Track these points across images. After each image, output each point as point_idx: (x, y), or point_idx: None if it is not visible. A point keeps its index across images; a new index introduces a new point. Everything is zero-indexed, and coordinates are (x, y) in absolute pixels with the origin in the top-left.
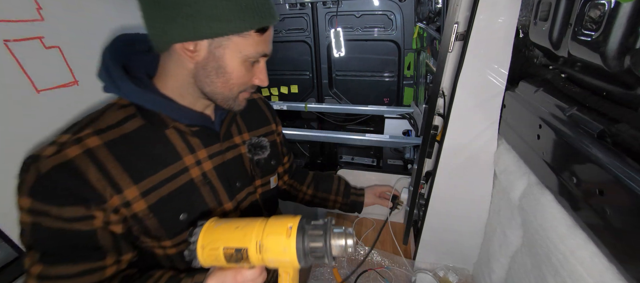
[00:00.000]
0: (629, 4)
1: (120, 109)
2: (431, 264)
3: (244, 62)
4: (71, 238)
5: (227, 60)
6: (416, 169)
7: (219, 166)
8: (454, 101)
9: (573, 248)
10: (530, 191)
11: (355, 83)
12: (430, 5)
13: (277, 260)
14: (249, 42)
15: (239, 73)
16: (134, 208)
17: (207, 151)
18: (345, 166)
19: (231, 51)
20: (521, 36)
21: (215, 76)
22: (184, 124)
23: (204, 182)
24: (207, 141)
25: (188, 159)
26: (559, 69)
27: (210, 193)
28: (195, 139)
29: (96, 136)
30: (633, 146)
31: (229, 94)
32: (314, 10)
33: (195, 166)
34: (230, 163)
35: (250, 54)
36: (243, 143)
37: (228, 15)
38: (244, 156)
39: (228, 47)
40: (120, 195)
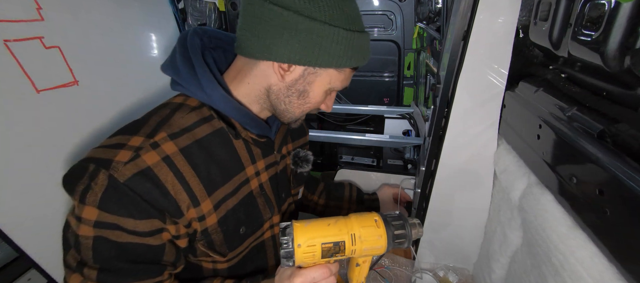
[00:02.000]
0: (629, 4)
1: (192, 111)
2: (431, 264)
3: (327, 91)
4: (139, 253)
5: (315, 87)
6: (424, 171)
7: (273, 177)
8: (454, 101)
9: (573, 248)
10: (530, 191)
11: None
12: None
13: (371, 248)
14: (340, 77)
15: (317, 100)
16: (207, 222)
17: (265, 161)
18: (345, 166)
19: (322, 80)
20: (521, 36)
21: (297, 98)
22: (255, 133)
23: (260, 194)
24: (266, 151)
25: (249, 170)
26: (559, 69)
27: (265, 205)
28: (257, 149)
29: (172, 142)
30: (633, 146)
31: (300, 115)
32: None
33: (255, 177)
34: (280, 174)
35: (336, 87)
36: (288, 153)
37: (337, 50)
38: (288, 168)
39: (321, 76)
40: (197, 207)
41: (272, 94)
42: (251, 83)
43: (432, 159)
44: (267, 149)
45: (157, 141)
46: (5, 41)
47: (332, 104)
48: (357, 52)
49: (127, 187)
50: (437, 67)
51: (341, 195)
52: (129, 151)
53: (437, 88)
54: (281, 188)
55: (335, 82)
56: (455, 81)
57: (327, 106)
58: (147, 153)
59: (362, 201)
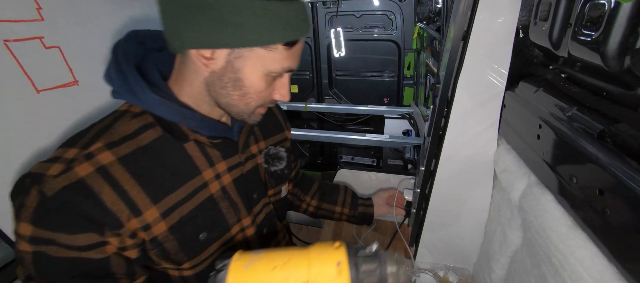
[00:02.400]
0: (629, 4)
1: (134, 118)
2: (431, 264)
3: (266, 76)
4: (81, 267)
5: (247, 73)
6: (423, 171)
7: (238, 179)
8: (454, 101)
9: (573, 248)
10: (530, 191)
11: (355, 83)
12: (430, 5)
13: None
14: (274, 56)
15: (258, 87)
16: (154, 231)
17: (227, 163)
18: (345, 166)
19: (252, 64)
20: (521, 36)
21: (232, 88)
22: (206, 136)
23: (223, 197)
24: (226, 152)
25: (207, 174)
26: (559, 69)
27: (230, 209)
28: (215, 151)
29: (109, 151)
30: (633, 146)
31: (245, 108)
32: (314, 10)
33: (215, 181)
34: (248, 174)
35: (274, 69)
36: (259, 152)
37: (255, 24)
38: (260, 166)
39: (249, 59)
40: (139, 217)
41: (210, 89)
42: (189, 81)
43: (432, 159)
44: (228, 150)
45: (92, 151)
46: (5, 41)
47: (286, 92)
48: (285, 24)
49: (57, 201)
50: (437, 67)
51: (335, 200)
52: (61, 165)
53: (437, 88)
54: (251, 189)
55: (272, 64)
56: (455, 81)
57: (281, 95)
58: (80, 164)
59: (356, 206)
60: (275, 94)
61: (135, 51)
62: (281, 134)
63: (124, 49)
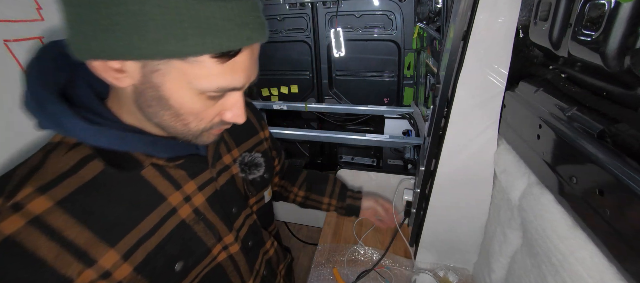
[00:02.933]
0: (629, 4)
1: (71, 150)
2: (431, 264)
3: (199, 95)
4: None
5: (170, 91)
6: (423, 171)
7: (213, 196)
8: (454, 101)
9: (573, 248)
10: (530, 191)
11: (355, 83)
12: (430, 5)
13: None
14: (200, 72)
15: (192, 108)
16: (117, 277)
17: (196, 182)
18: (345, 166)
19: (174, 79)
20: (521, 36)
21: (158, 107)
22: (164, 158)
23: (197, 220)
24: (194, 170)
25: (174, 198)
26: (559, 69)
27: (207, 231)
28: (180, 172)
29: (43, 196)
30: (633, 146)
31: (185, 130)
32: (314, 10)
33: (185, 204)
34: (224, 188)
35: (205, 88)
36: (234, 161)
37: (162, 30)
38: (236, 176)
39: (168, 73)
40: (93, 266)
41: (139, 108)
42: (123, 99)
43: (432, 159)
44: (195, 168)
45: (20, 200)
46: (5, 41)
47: (240, 113)
48: (207, 30)
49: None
50: (437, 67)
51: (323, 190)
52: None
53: (437, 88)
54: (230, 203)
55: (200, 82)
56: (455, 81)
57: (232, 116)
58: (7, 219)
59: (344, 198)
60: (225, 114)
61: (55, 69)
62: (256, 137)
63: (39, 70)
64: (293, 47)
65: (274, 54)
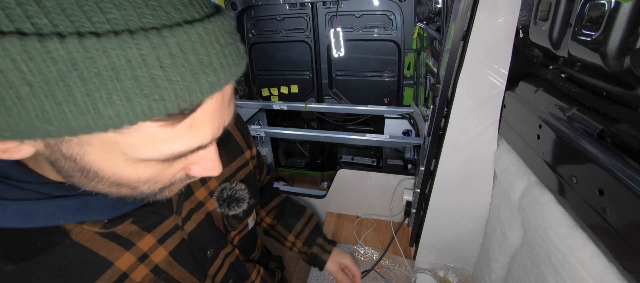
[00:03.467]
0: (629, 4)
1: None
2: (431, 264)
3: (146, 163)
4: None
5: (96, 163)
6: (423, 171)
7: (178, 247)
8: (454, 101)
9: (573, 248)
10: (530, 191)
11: (355, 83)
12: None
13: None
14: (141, 141)
15: (136, 177)
16: None
17: (155, 234)
18: (345, 166)
19: (100, 152)
20: (521, 36)
21: (84, 179)
22: (101, 223)
23: (156, 280)
24: (151, 222)
25: (124, 261)
26: (559, 69)
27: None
28: (130, 228)
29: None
30: (633, 146)
31: (137, 193)
32: (314, 10)
33: (139, 265)
34: (194, 234)
35: (150, 156)
36: (210, 195)
37: (67, 99)
38: (214, 213)
39: (88, 145)
40: None
41: (63, 176)
42: (39, 159)
43: (432, 159)
44: (154, 217)
45: None
46: None
47: (212, 164)
48: (143, 87)
49: None
50: (437, 67)
51: (291, 225)
52: None
53: (437, 88)
54: (206, 246)
55: (140, 150)
56: (455, 81)
57: (204, 169)
58: None
59: (312, 244)
60: (191, 169)
61: None
62: (240, 158)
63: None
64: (293, 47)
65: (274, 54)
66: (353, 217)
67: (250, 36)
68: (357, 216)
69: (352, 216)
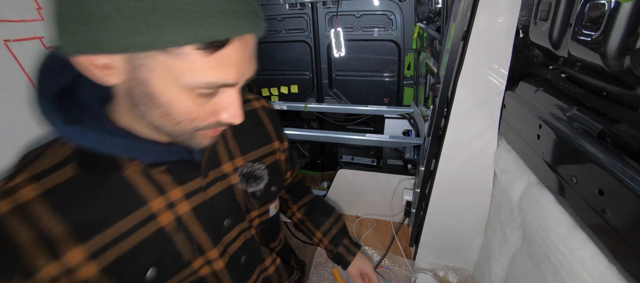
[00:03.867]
0: (629, 4)
1: (63, 146)
2: (431, 264)
3: (188, 92)
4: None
5: (157, 87)
6: (423, 171)
7: (200, 207)
8: (454, 101)
9: (573, 248)
10: (530, 191)
11: (355, 83)
12: (430, 5)
13: None
14: (185, 65)
15: (181, 106)
16: (81, 275)
17: (183, 189)
18: (345, 166)
19: (161, 76)
20: (521, 36)
21: (148, 106)
22: (145, 163)
23: (177, 229)
24: (182, 177)
25: (156, 204)
26: (559, 69)
27: (187, 242)
28: (166, 177)
29: (31, 185)
30: (633, 146)
31: (177, 130)
32: (314, 10)
33: (167, 211)
34: (215, 200)
35: (192, 83)
36: (234, 171)
37: (134, 18)
38: (236, 187)
39: (154, 68)
40: (58, 260)
41: (131, 107)
42: (120, 99)
43: (432, 159)
44: (184, 174)
45: (15, 185)
46: (5, 41)
47: (236, 111)
48: (187, 15)
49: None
50: (437, 67)
51: (320, 223)
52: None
53: (437, 88)
54: (220, 215)
55: (186, 76)
56: (455, 81)
57: (229, 116)
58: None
59: (338, 243)
60: (220, 114)
61: (59, 70)
62: (268, 146)
63: (41, 71)
64: (293, 47)
65: (274, 54)
66: (353, 217)
67: None
68: (357, 216)
69: (352, 216)
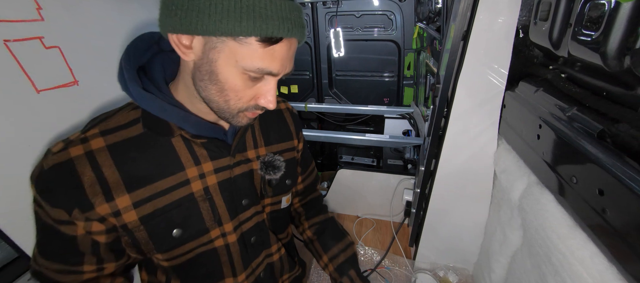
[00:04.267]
0: (629, 4)
1: (132, 111)
2: (431, 264)
3: (242, 73)
4: (54, 236)
5: (221, 66)
6: (423, 171)
7: (225, 182)
8: (454, 101)
9: (573, 248)
10: (530, 191)
11: (355, 83)
12: (430, 5)
13: None
14: (246, 52)
15: (233, 84)
16: (124, 218)
17: (214, 164)
18: (345, 166)
19: (226, 57)
20: (521, 36)
21: (209, 81)
22: (190, 133)
23: (204, 198)
24: (215, 153)
25: (191, 171)
26: (559, 69)
27: (209, 211)
28: (203, 151)
29: (102, 137)
30: (633, 146)
31: (225, 106)
32: (314, 10)
33: (198, 180)
34: (238, 179)
35: (247, 66)
36: (257, 158)
37: (223, 12)
38: (256, 173)
39: (223, 51)
40: (110, 203)
41: (194, 82)
42: (183, 77)
43: (432, 159)
44: (217, 151)
45: (88, 136)
46: (5, 41)
47: (272, 98)
48: (259, 17)
49: (48, 174)
50: (437, 67)
51: (328, 247)
52: (62, 144)
53: (437, 88)
54: (239, 194)
55: (244, 60)
56: (455, 81)
57: (266, 101)
58: (75, 146)
59: (343, 273)
60: (260, 98)
61: (142, 51)
62: (288, 142)
63: (128, 50)
64: None
65: None
66: (353, 217)
67: None
68: (357, 216)
69: (352, 216)
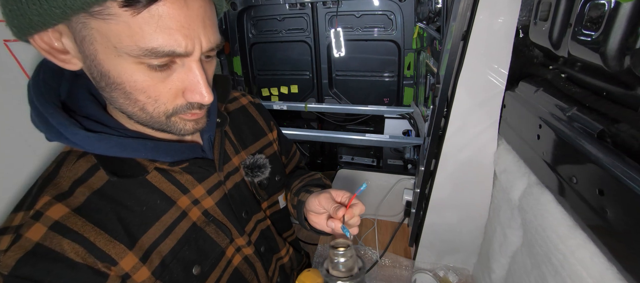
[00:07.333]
0: (629, 4)
1: (80, 159)
2: (431, 264)
3: (137, 64)
4: None
5: (103, 62)
6: (423, 171)
7: (222, 200)
8: (454, 101)
9: (573, 248)
10: (530, 191)
11: (355, 83)
12: (430, 5)
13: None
14: (118, 30)
15: (134, 82)
16: (137, 279)
17: (204, 186)
18: (345, 166)
19: (102, 47)
20: (521, 36)
21: (108, 87)
22: (167, 163)
23: (207, 222)
24: (201, 175)
25: (183, 201)
26: (559, 69)
27: (218, 231)
28: (187, 176)
29: (60, 203)
30: (633, 146)
31: (144, 114)
32: (314, 10)
33: (194, 207)
34: (232, 192)
35: (132, 51)
36: (241, 164)
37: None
38: (246, 180)
39: (94, 39)
40: (115, 267)
41: (103, 96)
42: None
43: (432, 159)
44: (202, 172)
45: (39, 209)
46: (6, 41)
47: (200, 88)
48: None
49: (16, 278)
50: (437, 67)
51: (290, 184)
52: (8, 235)
53: (437, 88)
54: (241, 206)
55: (123, 42)
56: (455, 81)
57: (193, 94)
58: (30, 228)
59: (298, 193)
60: (186, 93)
61: (55, 81)
62: (264, 139)
63: (38, 84)
64: (293, 47)
65: (274, 54)
66: None
67: (250, 36)
68: None
69: None
